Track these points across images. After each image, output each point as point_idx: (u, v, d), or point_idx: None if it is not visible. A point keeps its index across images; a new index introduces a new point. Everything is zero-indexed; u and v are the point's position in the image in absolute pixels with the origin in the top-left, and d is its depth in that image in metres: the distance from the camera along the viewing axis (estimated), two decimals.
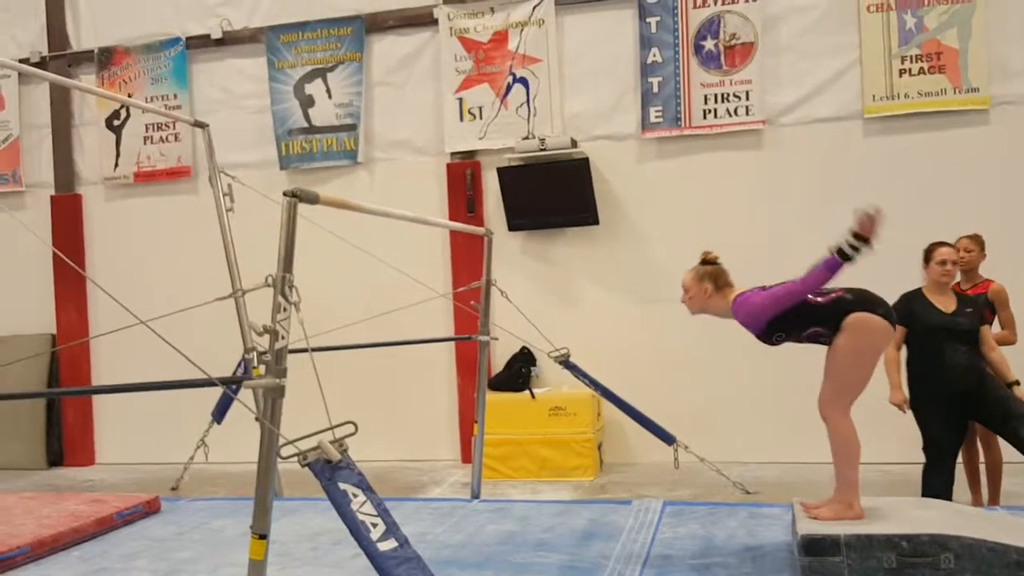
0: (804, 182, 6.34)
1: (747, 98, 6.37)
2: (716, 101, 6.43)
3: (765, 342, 3.84)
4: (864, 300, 3.71)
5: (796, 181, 6.35)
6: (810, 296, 3.68)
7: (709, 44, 6.45)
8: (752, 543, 4.08)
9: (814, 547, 3.38)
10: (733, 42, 6.41)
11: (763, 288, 3.82)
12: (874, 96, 6.18)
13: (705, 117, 6.44)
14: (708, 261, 4.13)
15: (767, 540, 4.12)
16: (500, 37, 6.80)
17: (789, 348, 6.41)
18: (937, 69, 6.07)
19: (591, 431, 6.21)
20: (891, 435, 6.11)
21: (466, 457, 6.72)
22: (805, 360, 6.31)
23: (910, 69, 6.12)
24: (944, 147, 6.14)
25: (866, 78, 6.19)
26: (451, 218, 6.71)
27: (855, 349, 3.62)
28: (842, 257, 3.43)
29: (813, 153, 6.32)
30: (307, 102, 7.17)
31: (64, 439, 7.64)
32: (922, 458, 4.91)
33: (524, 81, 6.78)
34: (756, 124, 6.37)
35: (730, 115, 6.40)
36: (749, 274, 6.39)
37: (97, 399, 7.68)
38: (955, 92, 6.07)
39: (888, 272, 6.14)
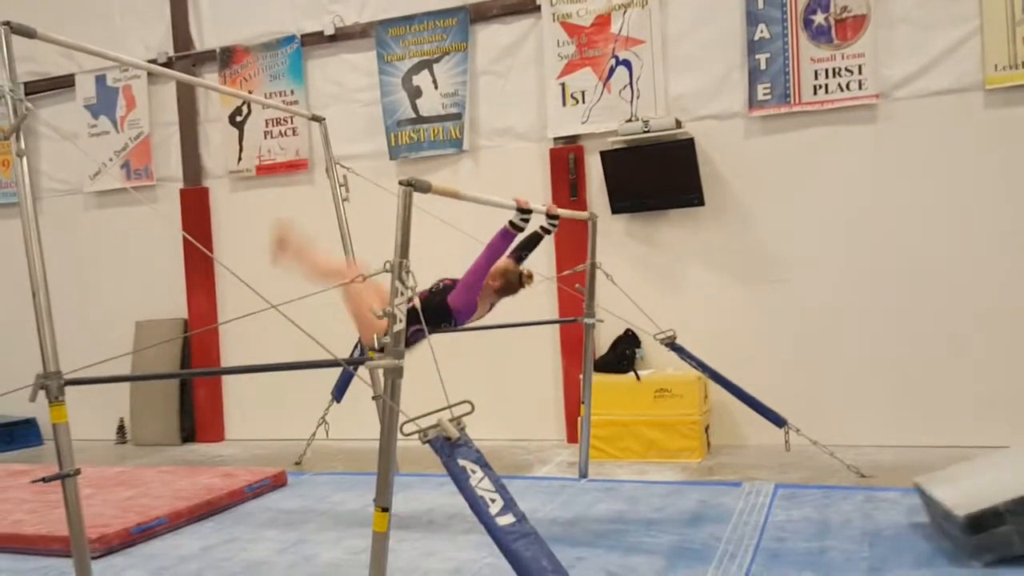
0: (922, 157, 6.11)
1: (860, 72, 6.17)
2: (827, 76, 6.26)
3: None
4: None
5: (913, 156, 6.12)
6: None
7: (819, 18, 6.27)
8: (869, 527, 4.02)
9: (977, 524, 3.31)
10: (844, 15, 6.21)
11: (453, 282, 4.03)
12: (996, 66, 5.88)
13: (816, 93, 6.28)
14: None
15: (885, 524, 4.05)
16: (603, 20, 6.80)
17: (901, 327, 6.24)
18: None
19: (697, 413, 6.19)
20: (1005, 417, 5.86)
21: (571, 437, 6.81)
22: (919, 340, 6.15)
23: None
24: None
25: (987, 47, 5.90)
26: (555, 202, 6.77)
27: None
28: (513, 228, 3.75)
29: (931, 127, 6.07)
30: (415, 93, 7.36)
31: (196, 416, 8.14)
32: None
33: (627, 63, 6.76)
34: (870, 99, 6.17)
35: (842, 90, 6.22)
36: (865, 250, 6.27)
37: (225, 379, 8.14)
38: None
39: (1012, 244, 5.89)
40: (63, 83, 8.54)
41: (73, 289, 8.21)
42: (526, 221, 3.78)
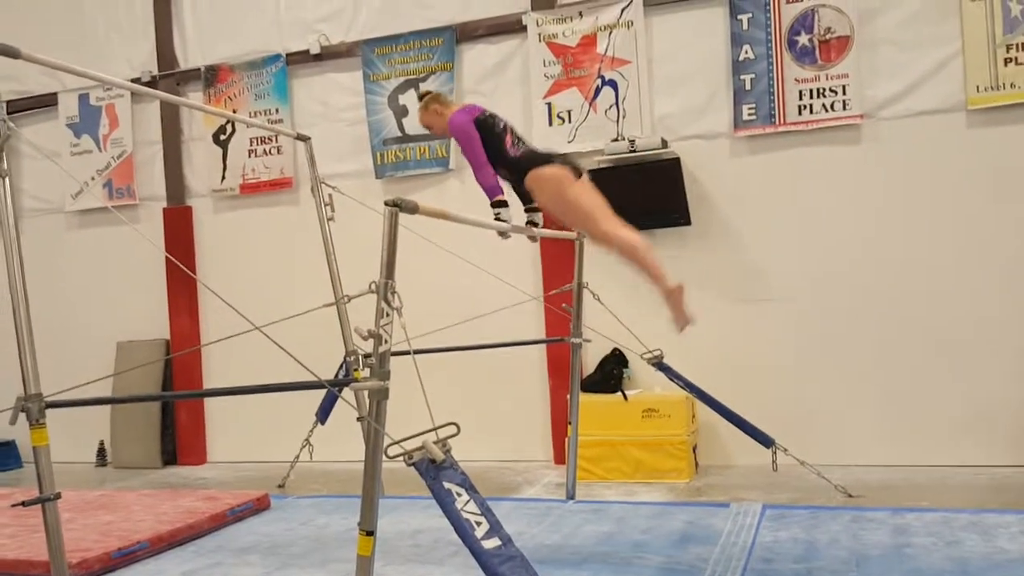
0: (906, 177, 6.15)
1: (844, 92, 6.22)
2: (811, 96, 6.31)
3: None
4: (534, 157, 4.36)
5: (898, 176, 6.17)
6: (510, 150, 4.35)
7: (803, 39, 6.33)
8: (856, 547, 4.00)
9: None
10: (828, 36, 6.27)
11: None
12: (978, 87, 5.95)
13: (800, 113, 6.32)
14: (426, 93, 4.60)
15: (872, 544, 4.04)
16: (588, 40, 6.83)
17: (887, 346, 6.26)
18: None
19: (686, 433, 6.17)
20: (997, 438, 5.90)
21: (559, 458, 6.76)
22: (905, 360, 6.17)
23: (1016, 58, 5.86)
24: None
25: (969, 68, 5.96)
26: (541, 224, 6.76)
27: (545, 197, 4.32)
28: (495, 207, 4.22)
29: (914, 146, 6.12)
30: (401, 112, 7.36)
31: (178, 439, 8.04)
32: None
33: (613, 83, 6.79)
34: (854, 119, 6.21)
35: (826, 110, 6.26)
36: (850, 269, 6.30)
37: (208, 401, 8.05)
38: None
39: (997, 264, 5.92)
40: (46, 102, 8.48)
41: (54, 309, 8.12)
42: (500, 207, 4.22)
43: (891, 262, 6.19)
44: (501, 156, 4.29)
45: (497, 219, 4.24)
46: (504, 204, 4.27)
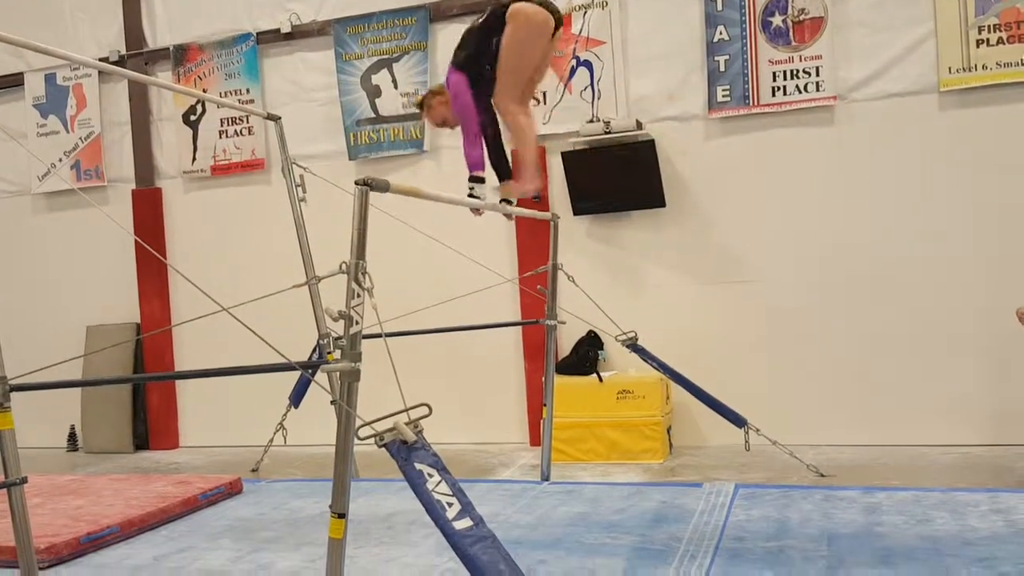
0: (879, 158, 6.18)
1: (817, 74, 6.23)
2: (785, 78, 6.31)
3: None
4: None
5: (870, 157, 6.20)
6: (475, 22, 4.31)
7: (777, 20, 6.33)
8: (828, 526, 4.03)
9: None
10: (802, 17, 6.27)
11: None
12: (950, 68, 5.98)
13: (774, 94, 6.33)
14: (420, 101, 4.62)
15: (843, 523, 4.07)
16: (564, 20, 6.77)
17: (860, 327, 6.32)
18: (1017, 39, 5.84)
19: (660, 414, 6.19)
20: (969, 418, 5.98)
21: (535, 440, 6.78)
22: (877, 341, 6.23)
23: (988, 39, 5.90)
24: None
25: (941, 50, 5.99)
26: (517, 203, 6.73)
27: (514, 35, 4.09)
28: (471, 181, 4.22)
29: (887, 128, 6.15)
30: (374, 92, 7.27)
31: (149, 423, 7.96)
32: (1001, 439, 4.79)
33: (588, 64, 6.75)
34: (827, 100, 6.23)
35: (800, 91, 6.27)
36: (824, 251, 6.35)
37: (180, 385, 7.97)
38: None
39: (969, 245, 5.98)
40: (11, 82, 8.32)
41: (21, 293, 8.00)
42: (476, 182, 4.23)
43: (864, 244, 6.23)
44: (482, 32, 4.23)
45: (471, 195, 4.22)
46: (481, 180, 4.25)
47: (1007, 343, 5.75)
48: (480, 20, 4.28)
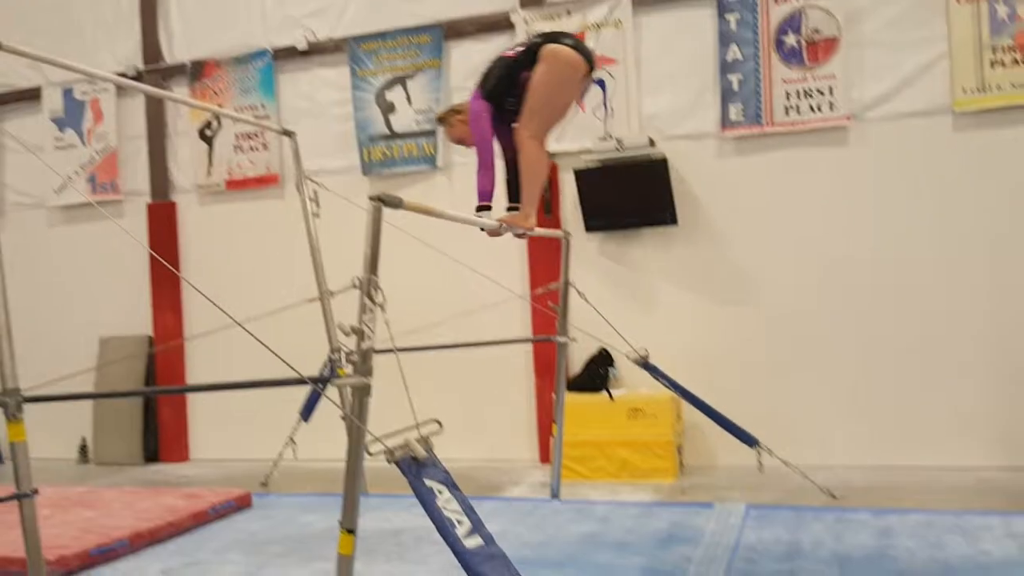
0: (892, 178, 6.17)
1: (831, 93, 6.23)
2: (799, 97, 6.31)
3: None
4: (553, 35, 4.17)
5: (884, 178, 6.18)
6: (506, 53, 4.25)
7: (791, 39, 6.33)
8: (839, 549, 4.00)
9: None
10: (816, 37, 6.28)
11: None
12: (964, 89, 5.97)
13: (787, 114, 6.33)
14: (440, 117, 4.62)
15: (855, 545, 4.04)
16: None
17: (872, 347, 6.27)
18: None
19: (671, 433, 6.16)
20: (982, 440, 5.93)
21: (544, 457, 6.75)
22: (890, 362, 6.18)
23: (1003, 60, 5.88)
24: None
25: (955, 71, 5.98)
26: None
27: (545, 76, 4.02)
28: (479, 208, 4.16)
29: (900, 148, 6.14)
30: (388, 109, 7.32)
31: (160, 436, 7.97)
32: (1015, 461, 4.74)
33: (601, 82, 6.77)
34: (840, 120, 6.22)
35: (813, 111, 6.27)
36: (836, 271, 6.32)
37: (191, 398, 7.99)
38: None
39: (984, 267, 5.95)
40: (29, 95, 8.40)
41: (36, 304, 8.04)
42: (483, 211, 4.17)
43: (876, 264, 6.21)
44: (511, 65, 4.15)
45: (477, 216, 4.18)
46: (488, 209, 4.21)
47: (1021, 365, 5.70)
48: (514, 51, 4.20)
